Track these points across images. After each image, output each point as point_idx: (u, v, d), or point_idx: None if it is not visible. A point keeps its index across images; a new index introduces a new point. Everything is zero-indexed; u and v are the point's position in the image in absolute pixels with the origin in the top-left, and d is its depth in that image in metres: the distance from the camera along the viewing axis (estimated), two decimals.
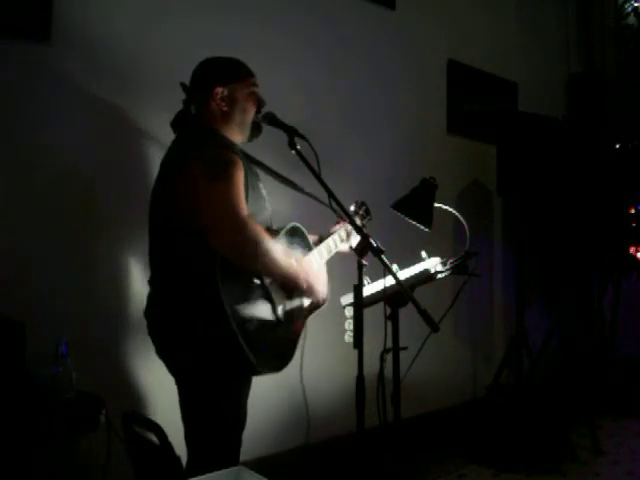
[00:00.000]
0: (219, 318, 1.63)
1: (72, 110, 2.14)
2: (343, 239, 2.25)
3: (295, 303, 1.91)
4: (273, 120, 1.87)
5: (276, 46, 2.74)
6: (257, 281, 1.77)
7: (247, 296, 1.73)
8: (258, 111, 1.96)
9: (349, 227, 2.28)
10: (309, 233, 2.15)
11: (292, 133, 1.80)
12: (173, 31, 2.39)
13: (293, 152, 1.78)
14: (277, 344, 1.83)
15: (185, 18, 2.44)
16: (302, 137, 1.80)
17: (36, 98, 2.07)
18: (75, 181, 2.16)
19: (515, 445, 3.16)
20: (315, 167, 1.74)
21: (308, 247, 2.08)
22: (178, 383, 1.85)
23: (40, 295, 2.05)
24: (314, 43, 2.94)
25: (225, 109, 1.89)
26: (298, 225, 2.05)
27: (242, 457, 1.90)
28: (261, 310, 1.76)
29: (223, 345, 1.67)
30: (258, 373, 1.78)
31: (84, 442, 1.72)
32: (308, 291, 1.88)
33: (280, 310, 1.82)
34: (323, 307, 2.03)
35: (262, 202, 1.91)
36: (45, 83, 2.09)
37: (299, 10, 2.86)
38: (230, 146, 1.84)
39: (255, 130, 1.98)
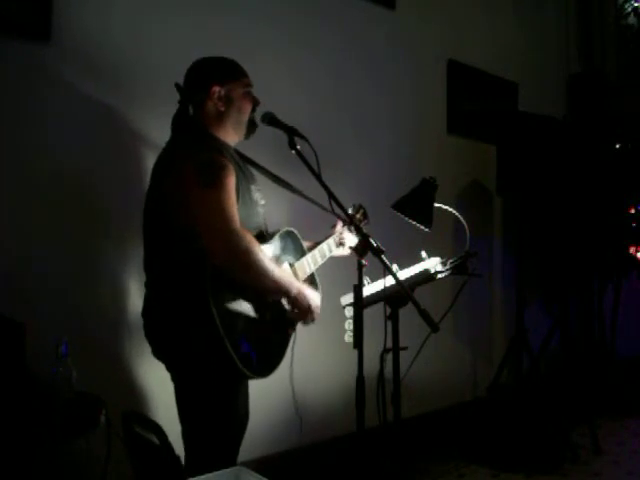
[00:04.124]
0: (207, 322, 1.64)
1: (72, 110, 2.14)
2: (337, 243, 2.25)
3: (284, 309, 1.90)
4: (273, 120, 1.87)
5: (276, 46, 2.74)
6: (247, 287, 1.77)
7: (236, 301, 1.73)
8: (253, 110, 1.97)
9: (345, 230, 2.27)
10: (305, 239, 2.14)
11: (292, 133, 1.81)
12: (173, 31, 2.39)
13: (293, 152, 1.78)
14: (266, 349, 1.83)
15: (185, 18, 2.44)
16: (302, 137, 1.80)
17: (36, 98, 2.07)
18: (75, 181, 2.16)
19: (515, 445, 3.16)
20: (315, 167, 1.74)
21: (302, 252, 2.08)
22: (174, 382, 1.86)
23: (40, 295, 2.05)
24: (314, 43, 2.94)
25: (222, 109, 1.89)
26: (292, 230, 2.05)
27: (241, 457, 1.90)
28: (250, 315, 1.76)
29: (211, 349, 1.67)
30: (246, 377, 1.78)
31: (84, 442, 1.72)
32: (296, 301, 1.86)
33: (269, 315, 1.82)
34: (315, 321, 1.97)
35: (254, 207, 1.90)
36: (45, 83, 2.09)
37: (299, 10, 2.86)
38: (222, 150, 1.84)
39: (251, 129, 1.98)
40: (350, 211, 2.30)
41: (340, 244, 2.24)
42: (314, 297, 1.92)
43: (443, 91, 3.66)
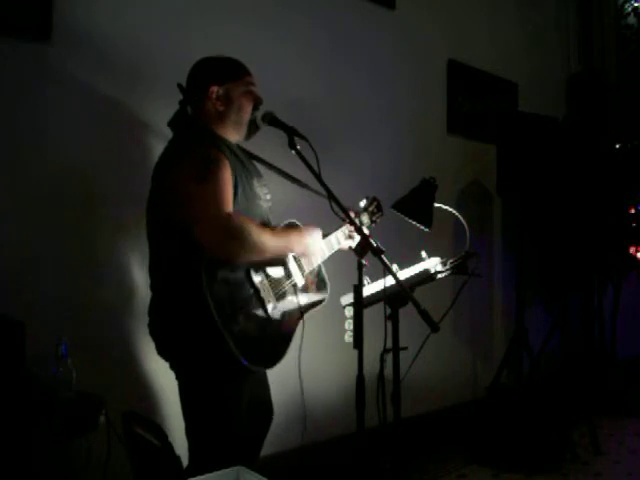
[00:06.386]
0: (206, 319, 1.64)
1: (72, 110, 2.14)
2: (347, 236, 2.24)
3: (287, 301, 1.91)
4: (273, 120, 1.87)
5: (276, 46, 2.74)
6: (245, 280, 1.78)
7: (234, 295, 1.73)
8: (256, 109, 1.96)
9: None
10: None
11: (292, 133, 1.81)
12: (173, 31, 2.39)
13: (293, 152, 1.78)
14: (267, 341, 1.83)
15: (185, 18, 2.44)
16: (302, 137, 1.81)
17: (36, 98, 2.07)
18: (75, 181, 2.16)
19: (515, 445, 3.16)
20: (315, 167, 1.74)
21: None
22: (177, 380, 1.86)
23: (40, 295, 2.05)
24: (314, 43, 2.94)
25: (221, 108, 1.90)
26: (294, 222, 2.05)
27: None
28: (249, 309, 1.76)
29: (211, 345, 1.68)
30: (249, 371, 1.79)
31: (84, 442, 1.72)
32: (308, 250, 1.94)
33: (270, 308, 1.83)
34: (323, 303, 2.04)
35: (255, 200, 1.91)
36: (45, 83, 2.09)
37: (299, 10, 2.86)
38: (218, 145, 1.84)
39: (252, 128, 1.98)
40: (363, 203, 2.31)
41: (349, 237, 2.24)
42: (314, 238, 1.98)
43: (443, 91, 3.66)
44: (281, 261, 1.92)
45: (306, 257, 2.00)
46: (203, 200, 1.69)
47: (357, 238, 2.21)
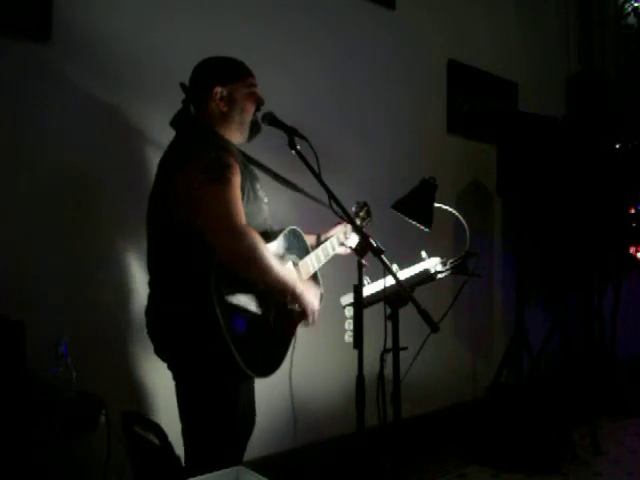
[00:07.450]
0: (210, 322, 1.64)
1: (72, 110, 2.14)
2: (341, 241, 2.25)
3: (288, 309, 1.90)
4: (273, 120, 1.87)
5: (276, 46, 2.74)
6: (251, 285, 1.77)
7: (240, 300, 1.73)
8: (257, 110, 1.96)
9: (347, 228, 2.28)
10: (307, 233, 2.15)
11: (292, 133, 1.81)
12: (173, 31, 2.39)
13: (293, 152, 1.78)
14: (268, 349, 1.83)
15: (185, 18, 2.44)
16: (302, 137, 1.80)
17: (36, 98, 2.07)
18: (75, 181, 2.16)
19: (515, 445, 3.16)
20: (315, 167, 1.74)
21: (306, 250, 2.08)
22: (175, 381, 1.86)
23: (40, 295, 2.05)
24: (314, 43, 2.94)
25: (224, 109, 1.89)
26: (296, 228, 2.05)
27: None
28: (253, 315, 1.76)
29: (213, 349, 1.67)
30: (248, 377, 1.78)
31: (84, 442, 1.72)
32: (299, 300, 1.86)
33: (272, 315, 1.83)
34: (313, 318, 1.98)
35: (259, 204, 1.91)
36: (45, 83, 2.09)
37: (299, 10, 2.86)
38: (229, 148, 1.84)
39: (254, 130, 1.98)
40: (354, 208, 2.32)
41: (341, 244, 2.25)
42: (314, 299, 1.92)
43: (443, 91, 3.66)
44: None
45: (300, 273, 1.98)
46: (216, 201, 1.68)
47: (350, 244, 2.22)
